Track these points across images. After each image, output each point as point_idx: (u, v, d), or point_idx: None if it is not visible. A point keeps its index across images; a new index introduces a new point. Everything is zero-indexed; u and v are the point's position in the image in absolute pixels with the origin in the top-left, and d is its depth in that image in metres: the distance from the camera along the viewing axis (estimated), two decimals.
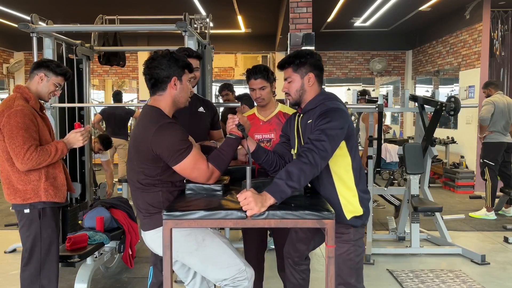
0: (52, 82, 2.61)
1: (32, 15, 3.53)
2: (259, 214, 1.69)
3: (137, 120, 2.10)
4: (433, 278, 3.73)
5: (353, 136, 2.14)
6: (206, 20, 4.86)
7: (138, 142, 1.97)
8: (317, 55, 2.17)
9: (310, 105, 2.14)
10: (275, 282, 3.53)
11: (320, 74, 2.17)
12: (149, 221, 2.03)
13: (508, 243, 4.71)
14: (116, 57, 4.91)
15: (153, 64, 2.00)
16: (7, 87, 11.21)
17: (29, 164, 2.40)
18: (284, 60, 2.19)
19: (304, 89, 2.15)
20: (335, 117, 2.00)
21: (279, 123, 2.77)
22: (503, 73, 8.06)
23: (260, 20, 9.49)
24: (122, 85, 12.04)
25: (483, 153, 5.86)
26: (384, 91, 11.12)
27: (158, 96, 2.04)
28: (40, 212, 2.52)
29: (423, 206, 4.14)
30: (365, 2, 7.93)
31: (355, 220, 2.13)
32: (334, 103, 2.09)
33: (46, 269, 2.56)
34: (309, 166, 1.86)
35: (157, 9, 8.20)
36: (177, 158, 1.89)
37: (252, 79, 2.69)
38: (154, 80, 2.01)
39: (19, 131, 2.38)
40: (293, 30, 5.23)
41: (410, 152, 4.16)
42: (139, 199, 2.05)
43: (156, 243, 2.04)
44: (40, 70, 2.59)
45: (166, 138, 1.89)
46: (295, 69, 2.15)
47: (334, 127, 1.96)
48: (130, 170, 2.07)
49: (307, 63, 2.13)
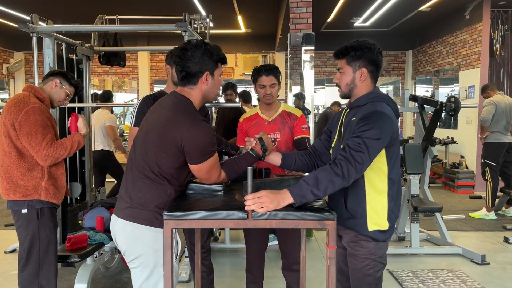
0: (65, 90, 2.73)
1: (32, 15, 3.53)
2: (260, 214, 1.68)
3: (163, 105, 1.95)
4: (433, 278, 3.73)
5: (396, 144, 1.95)
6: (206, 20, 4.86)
7: (164, 130, 1.84)
8: (377, 50, 1.98)
9: (358, 102, 2.00)
10: (275, 282, 3.53)
11: (375, 71, 2.00)
12: (138, 213, 1.87)
13: (508, 243, 4.71)
14: (116, 57, 4.90)
15: (186, 56, 1.87)
16: (7, 87, 11.20)
17: (50, 159, 2.46)
18: (341, 50, 2.03)
19: (355, 83, 2.01)
20: (377, 124, 1.85)
21: (283, 122, 2.78)
22: (503, 73, 8.06)
23: (260, 20, 9.49)
24: (122, 85, 12.04)
25: (484, 153, 5.85)
26: (384, 91, 11.13)
27: (188, 89, 1.93)
28: (38, 212, 2.52)
29: (423, 206, 4.15)
30: (365, 2, 7.93)
31: (377, 234, 1.96)
32: (382, 106, 1.93)
33: (45, 270, 2.56)
34: (340, 179, 1.77)
35: (157, 9, 8.20)
36: (201, 158, 1.84)
37: (264, 76, 2.69)
38: (186, 73, 1.89)
39: (38, 128, 2.44)
40: (293, 30, 5.24)
41: (410, 152, 4.17)
42: (139, 190, 1.88)
43: (125, 237, 1.91)
44: (56, 77, 2.72)
45: (200, 136, 1.82)
46: (349, 61, 2.00)
47: (374, 136, 1.82)
48: (142, 155, 1.90)
49: (362, 57, 1.97)
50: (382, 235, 1.97)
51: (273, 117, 2.79)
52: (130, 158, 1.99)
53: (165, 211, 1.70)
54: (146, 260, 1.89)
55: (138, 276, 1.93)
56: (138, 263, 1.91)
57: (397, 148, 1.97)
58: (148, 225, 1.86)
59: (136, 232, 1.87)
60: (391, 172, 1.96)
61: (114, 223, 1.96)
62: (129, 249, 1.91)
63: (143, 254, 1.88)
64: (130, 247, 1.90)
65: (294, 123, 2.78)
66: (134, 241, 1.89)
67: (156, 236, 1.86)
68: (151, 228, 1.87)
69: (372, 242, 1.98)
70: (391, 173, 1.96)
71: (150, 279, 1.92)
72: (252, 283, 2.81)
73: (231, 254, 4.44)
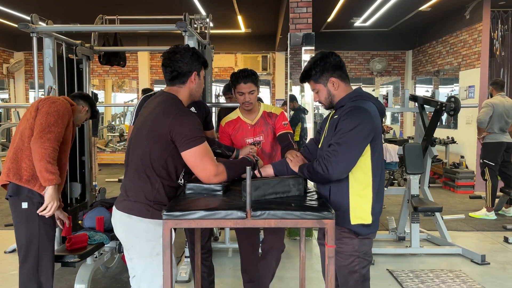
0: (86, 117, 3.04)
1: (32, 15, 3.53)
2: (259, 214, 1.69)
3: (153, 103, 2.10)
4: (433, 278, 3.73)
5: (378, 139, 2.03)
6: (206, 20, 4.86)
7: (154, 123, 1.98)
8: (330, 55, 2.09)
9: (341, 102, 2.09)
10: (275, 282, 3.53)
11: (341, 73, 2.10)
12: (132, 205, 1.98)
13: (508, 243, 4.71)
14: (116, 57, 4.90)
15: (175, 57, 2.06)
16: (7, 87, 11.21)
17: (43, 148, 2.39)
18: (303, 75, 2.17)
19: (332, 94, 2.11)
20: (355, 118, 1.94)
21: (265, 123, 2.81)
22: (503, 73, 8.06)
23: (260, 20, 9.49)
24: (122, 85, 12.04)
25: (483, 153, 5.85)
26: (384, 91, 11.13)
27: (177, 87, 2.10)
28: (38, 208, 2.49)
29: (423, 206, 4.15)
30: (365, 2, 7.93)
31: (360, 228, 2.02)
32: (363, 103, 2.02)
33: (44, 266, 2.57)
34: (321, 175, 1.96)
35: (157, 9, 8.20)
36: (190, 143, 1.91)
37: (242, 83, 2.67)
38: (177, 73, 2.07)
39: (55, 114, 2.51)
40: (293, 30, 5.24)
41: (410, 152, 4.17)
42: (132, 183, 2.00)
43: (122, 228, 2.04)
44: (86, 104, 3.01)
45: (185, 122, 1.94)
46: (315, 80, 2.11)
47: (350, 127, 1.92)
48: (135, 149, 2.03)
49: (324, 70, 2.08)
50: (365, 229, 2.03)
51: (256, 120, 2.81)
52: (126, 154, 2.12)
53: (164, 210, 1.70)
54: (141, 250, 2.01)
55: (136, 267, 2.05)
56: (134, 254, 2.04)
57: (379, 143, 2.05)
58: (140, 216, 1.97)
59: (130, 223, 1.99)
60: (373, 166, 2.02)
61: (114, 215, 2.09)
62: (126, 239, 2.05)
63: (137, 243, 2.00)
64: (126, 237, 2.04)
65: (275, 121, 2.81)
66: (128, 231, 2.02)
67: (148, 226, 1.97)
68: (143, 219, 1.97)
69: (355, 238, 2.03)
70: (374, 166, 2.02)
71: (147, 269, 2.01)
72: (249, 282, 2.82)
73: (231, 253, 4.44)
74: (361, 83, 11.33)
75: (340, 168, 1.93)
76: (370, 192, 2.02)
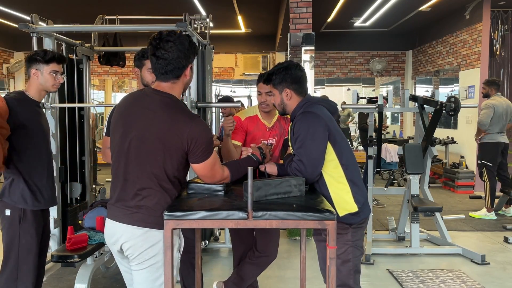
0: (47, 73, 2.48)
1: (32, 15, 3.52)
2: (261, 214, 1.69)
3: (147, 107, 1.84)
4: (433, 278, 3.73)
5: (336, 134, 2.16)
6: (206, 20, 4.85)
7: (167, 136, 1.78)
8: (294, 67, 2.24)
9: (295, 113, 2.25)
10: (275, 282, 3.53)
11: (298, 87, 2.24)
12: (147, 218, 1.83)
13: (508, 243, 4.71)
14: (116, 57, 4.90)
15: (171, 48, 1.79)
16: (7, 87, 11.20)
17: None
18: (266, 77, 2.35)
19: (285, 103, 2.27)
20: (303, 124, 2.11)
21: (280, 127, 2.84)
22: (503, 73, 8.06)
23: (260, 20, 9.49)
24: (122, 85, 12.04)
25: (481, 154, 5.84)
26: (384, 91, 11.12)
27: (170, 83, 1.85)
28: (20, 216, 2.41)
29: (423, 206, 4.14)
30: (365, 2, 7.93)
31: (350, 217, 2.12)
32: (312, 107, 2.17)
33: (23, 277, 2.44)
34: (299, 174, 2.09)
35: (157, 9, 8.20)
36: (205, 156, 1.83)
37: (261, 83, 2.68)
38: (173, 67, 1.81)
39: None
40: (293, 30, 5.23)
41: (410, 152, 4.17)
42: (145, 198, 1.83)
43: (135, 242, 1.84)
44: (31, 67, 2.48)
45: (203, 133, 1.80)
46: (274, 85, 2.28)
47: (303, 132, 2.09)
48: (139, 165, 1.82)
49: (283, 79, 2.23)
50: (355, 217, 2.14)
51: (272, 123, 2.84)
52: (119, 167, 1.92)
53: (165, 211, 1.70)
54: (160, 261, 1.83)
55: (147, 276, 1.88)
56: (148, 264, 1.87)
57: (338, 137, 2.18)
58: (159, 229, 1.80)
59: (147, 236, 1.82)
60: (340, 159, 2.15)
61: (116, 228, 1.88)
62: (141, 254, 1.85)
63: (155, 255, 1.85)
64: (142, 251, 1.85)
65: (287, 125, 2.83)
66: (145, 244, 1.83)
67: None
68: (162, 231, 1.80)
69: (349, 228, 2.15)
70: (341, 159, 2.15)
71: (160, 278, 1.86)
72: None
73: (231, 254, 4.43)
74: (361, 83, 11.34)
75: (310, 169, 2.07)
76: (346, 183, 2.14)
